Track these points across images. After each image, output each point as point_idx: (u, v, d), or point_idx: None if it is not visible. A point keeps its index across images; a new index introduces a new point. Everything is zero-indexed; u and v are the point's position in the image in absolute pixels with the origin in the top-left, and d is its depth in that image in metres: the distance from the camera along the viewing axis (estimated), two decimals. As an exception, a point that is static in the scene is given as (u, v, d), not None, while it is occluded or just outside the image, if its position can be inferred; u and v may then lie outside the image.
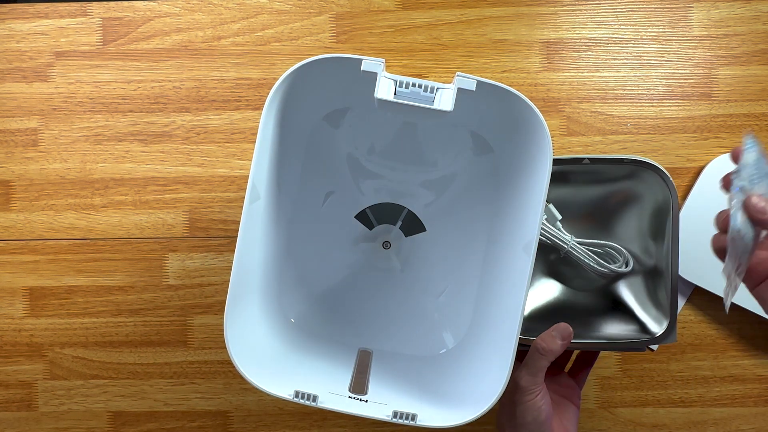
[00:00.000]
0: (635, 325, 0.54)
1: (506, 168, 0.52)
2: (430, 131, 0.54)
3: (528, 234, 0.43)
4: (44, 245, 0.61)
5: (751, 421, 0.60)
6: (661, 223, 0.53)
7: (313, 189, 0.57)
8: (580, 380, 0.53)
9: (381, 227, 0.58)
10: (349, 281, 0.58)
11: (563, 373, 0.53)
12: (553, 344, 0.45)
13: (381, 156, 0.56)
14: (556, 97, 0.60)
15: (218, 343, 0.62)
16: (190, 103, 0.61)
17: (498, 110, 0.45)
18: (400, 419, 0.43)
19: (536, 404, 0.45)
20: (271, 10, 0.61)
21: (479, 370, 0.48)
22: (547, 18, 0.61)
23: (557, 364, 0.54)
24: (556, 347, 0.45)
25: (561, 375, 0.53)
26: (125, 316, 0.62)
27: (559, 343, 0.45)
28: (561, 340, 0.45)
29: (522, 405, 0.45)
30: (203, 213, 0.61)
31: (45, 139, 0.61)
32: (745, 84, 0.60)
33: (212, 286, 0.61)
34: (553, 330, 0.46)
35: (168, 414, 0.62)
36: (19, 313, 0.62)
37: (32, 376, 0.62)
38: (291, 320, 0.56)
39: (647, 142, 0.60)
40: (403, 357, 0.55)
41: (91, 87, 0.61)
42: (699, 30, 0.60)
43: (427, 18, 0.61)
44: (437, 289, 0.58)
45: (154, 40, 0.61)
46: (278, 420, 0.62)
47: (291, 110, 0.47)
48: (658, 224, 0.53)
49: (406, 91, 0.42)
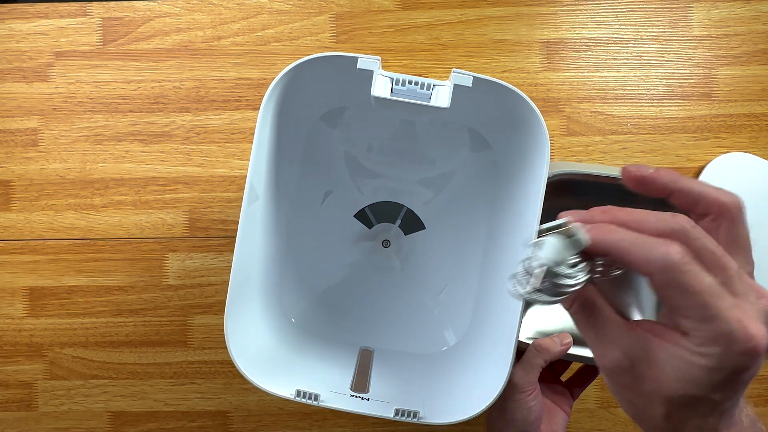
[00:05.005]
0: None
1: (504, 164, 0.52)
2: (428, 129, 0.54)
3: (527, 230, 0.43)
4: (44, 245, 0.61)
5: (752, 421, 0.60)
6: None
7: (311, 189, 0.57)
8: (575, 393, 0.53)
9: (380, 226, 0.58)
10: (349, 280, 0.58)
11: (559, 381, 0.53)
12: (551, 345, 0.46)
13: (379, 154, 0.56)
14: (556, 97, 0.60)
15: (218, 343, 0.62)
16: (190, 103, 0.61)
17: (495, 106, 0.45)
18: (402, 417, 0.43)
19: (527, 403, 0.45)
20: (271, 10, 0.61)
21: (480, 366, 0.48)
22: (547, 18, 0.61)
23: (555, 371, 0.54)
24: (554, 348, 0.46)
25: (556, 383, 0.53)
26: (125, 316, 0.62)
27: (558, 348, 0.46)
28: (560, 344, 0.46)
29: (513, 402, 0.45)
30: (203, 213, 0.61)
31: (45, 139, 0.61)
32: (745, 84, 0.60)
33: (212, 286, 0.61)
34: (555, 336, 0.47)
35: (168, 414, 0.62)
36: (19, 313, 0.62)
37: (32, 376, 0.62)
38: (292, 320, 0.56)
39: (647, 142, 0.60)
40: (404, 355, 0.55)
41: (91, 87, 0.61)
42: (699, 30, 0.60)
43: (427, 18, 0.61)
44: (437, 286, 0.58)
45: (154, 40, 0.61)
46: (278, 420, 0.62)
47: (288, 110, 0.47)
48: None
49: (403, 89, 0.43)
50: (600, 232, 0.29)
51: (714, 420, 0.29)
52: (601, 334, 0.31)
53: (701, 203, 0.31)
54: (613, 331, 0.30)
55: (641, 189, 0.32)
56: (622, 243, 0.28)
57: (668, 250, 0.27)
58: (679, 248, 0.27)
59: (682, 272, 0.27)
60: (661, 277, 0.27)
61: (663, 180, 0.31)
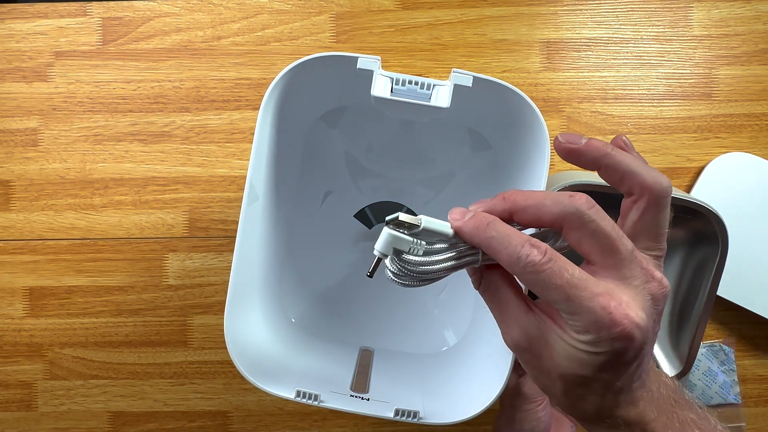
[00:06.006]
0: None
1: (504, 164, 0.52)
2: (428, 129, 0.54)
3: None
4: (44, 245, 0.61)
5: (752, 421, 0.60)
6: (701, 270, 0.53)
7: (311, 189, 0.57)
8: None
9: (380, 226, 0.58)
10: (349, 280, 0.58)
11: None
12: None
13: (379, 154, 0.56)
14: (556, 97, 0.60)
15: (218, 343, 0.62)
16: (189, 103, 0.61)
17: (494, 106, 0.45)
18: (402, 417, 0.43)
19: (536, 414, 0.45)
20: (271, 9, 0.61)
21: (480, 366, 0.48)
22: (548, 18, 0.61)
23: None
24: None
25: None
26: (125, 316, 0.62)
27: None
28: None
29: (522, 412, 0.45)
30: (203, 213, 0.61)
31: (45, 139, 0.61)
32: (745, 84, 0.60)
33: (212, 286, 0.61)
34: None
35: (168, 414, 0.62)
36: (19, 313, 0.62)
37: (32, 376, 0.62)
38: (292, 320, 0.56)
39: (647, 142, 0.60)
40: (404, 355, 0.55)
41: (90, 87, 0.61)
42: (699, 30, 0.60)
43: (427, 18, 0.61)
44: (437, 286, 0.57)
45: (154, 40, 0.61)
46: (278, 420, 0.62)
47: (288, 110, 0.47)
48: (697, 271, 0.53)
49: (403, 89, 0.43)
50: (474, 227, 0.31)
51: (611, 398, 0.30)
52: (503, 314, 0.32)
53: (626, 183, 0.31)
54: (513, 311, 0.32)
55: (571, 160, 0.33)
56: (492, 241, 0.30)
57: (528, 252, 0.28)
58: (538, 250, 0.28)
59: (541, 271, 0.28)
60: (523, 277, 0.29)
61: (592, 154, 0.32)
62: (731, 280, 0.55)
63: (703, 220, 0.50)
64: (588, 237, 0.29)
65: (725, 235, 0.50)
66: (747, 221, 0.57)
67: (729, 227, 0.51)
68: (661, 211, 0.31)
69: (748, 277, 0.57)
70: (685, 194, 0.51)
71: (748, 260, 0.57)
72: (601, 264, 0.29)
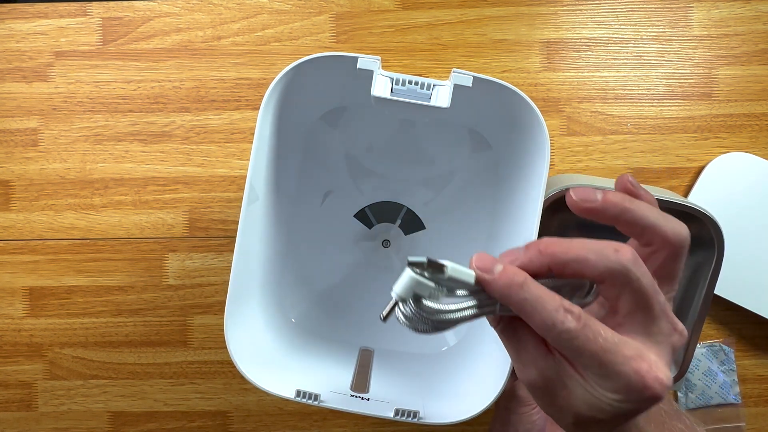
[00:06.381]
0: None
1: (505, 164, 0.52)
2: (428, 129, 0.54)
3: (527, 230, 0.43)
4: (44, 245, 0.61)
5: (752, 421, 0.60)
6: (697, 274, 0.52)
7: (311, 189, 0.57)
8: None
9: (380, 226, 0.58)
10: (349, 280, 0.58)
11: None
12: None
13: (379, 154, 0.56)
14: (556, 97, 0.60)
15: (218, 343, 0.62)
16: (189, 103, 0.61)
17: (495, 106, 0.45)
18: (402, 417, 0.43)
19: (531, 417, 0.45)
20: (271, 10, 0.61)
21: (480, 367, 0.48)
22: (547, 18, 0.61)
23: None
24: None
25: None
26: (125, 316, 0.62)
27: None
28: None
29: (516, 415, 0.45)
30: (203, 213, 0.61)
31: (45, 139, 0.61)
32: (745, 84, 0.60)
33: (212, 286, 0.61)
34: None
35: (168, 414, 0.62)
36: (19, 313, 0.62)
37: (32, 376, 0.62)
38: (292, 320, 0.56)
39: (647, 142, 0.60)
40: (404, 355, 0.55)
41: (90, 87, 0.61)
42: (699, 30, 0.60)
43: (427, 18, 0.61)
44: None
45: (154, 40, 0.61)
46: (278, 420, 0.62)
47: (288, 110, 0.47)
48: (693, 275, 0.53)
49: (403, 89, 0.43)
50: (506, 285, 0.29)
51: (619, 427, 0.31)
52: (520, 355, 0.32)
53: (646, 236, 0.31)
54: (531, 354, 0.31)
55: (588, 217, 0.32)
56: (524, 304, 0.29)
57: (563, 318, 0.28)
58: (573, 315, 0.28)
59: (575, 338, 0.28)
60: (556, 342, 0.29)
61: (611, 212, 0.31)
62: (731, 279, 0.55)
63: (699, 224, 0.50)
64: (628, 294, 0.29)
65: (721, 239, 0.50)
66: (747, 221, 0.57)
67: (729, 227, 0.51)
68: (680, 260, 0.31)
69: (748, 277, 0.57)
70: (682, 198, 0.51)
71: (748, 260, 0.57)
72: (631, 318, 0.29)
